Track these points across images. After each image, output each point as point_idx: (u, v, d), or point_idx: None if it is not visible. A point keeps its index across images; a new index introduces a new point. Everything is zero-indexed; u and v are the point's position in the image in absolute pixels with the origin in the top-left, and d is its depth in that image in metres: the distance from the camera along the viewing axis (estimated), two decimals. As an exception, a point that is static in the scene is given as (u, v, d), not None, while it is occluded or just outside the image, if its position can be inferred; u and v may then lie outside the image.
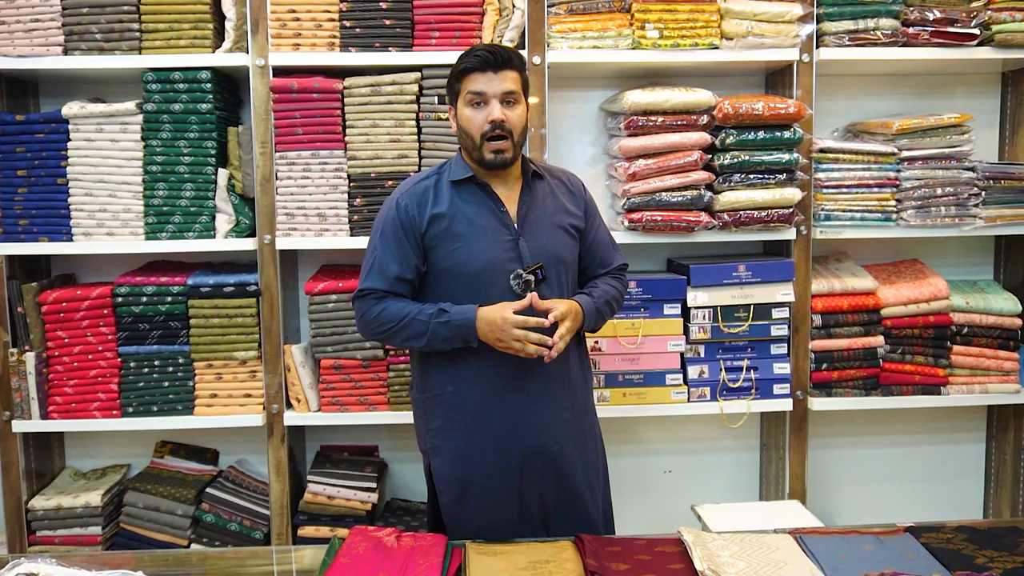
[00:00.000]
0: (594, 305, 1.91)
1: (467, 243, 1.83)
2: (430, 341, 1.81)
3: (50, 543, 2.52)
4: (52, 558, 1.61)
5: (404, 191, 1.89)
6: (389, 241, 1.85)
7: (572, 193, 1.98)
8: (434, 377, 1.90)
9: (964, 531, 1.73)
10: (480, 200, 1.87)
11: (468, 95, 1.81)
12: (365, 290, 1.86)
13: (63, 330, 2.47)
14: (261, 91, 2.42)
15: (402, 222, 1.84)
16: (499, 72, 1.80)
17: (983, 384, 2.63)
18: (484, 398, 1.86)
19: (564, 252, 1.91)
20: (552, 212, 1.91)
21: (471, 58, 1.81)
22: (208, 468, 2.72)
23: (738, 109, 2.42)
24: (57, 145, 2.43)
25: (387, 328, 1.83)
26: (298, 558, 1.76)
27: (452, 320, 1.79)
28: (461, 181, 1.87)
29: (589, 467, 1.97)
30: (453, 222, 1.84)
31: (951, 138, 2.56)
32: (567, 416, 1.92)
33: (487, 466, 1.88)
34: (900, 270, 2.74)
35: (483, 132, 1.80)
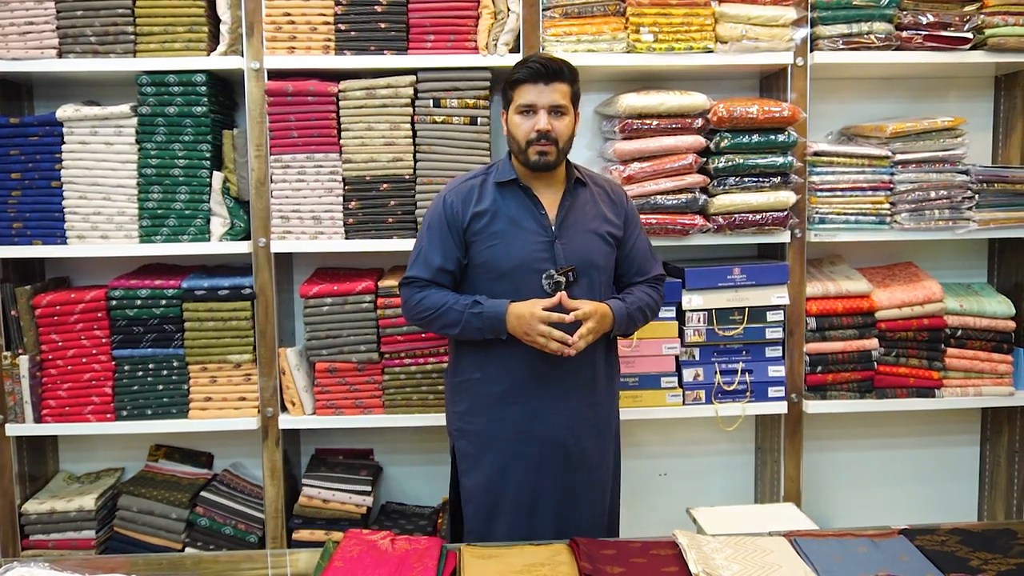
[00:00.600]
0: (626, 310, 1.98)
1: (504, 240, 1.93)
2: (463, 330, 1.91)
3: (43, 547, 2.51)
4: (45, 562, 1.60)
5: (452, 188, 2.00)
6: (435, 234, 1.96)
7: (613, 202, 2.05)
8: (465, 363, 2.01)
9: (958, 533, 1.74)
10: (521, 201, 1.96)
11: (519, 105, 1.91)
12: (410, 278, 1.98)
13: (57, 333, 2.46)
14: (256, 94, 2.42)
15: (447, 217, 1.95)
16: (549, 84, 1.89)
17: (977, 387, 2.63)
18: (508, 387, 1.95)
19: (598, 257, 1.98)
20: (591, 218, 1.99)
21: (524, 69, 1.90)
22: (203, 472, 2.71)
23: (732, 112, 2.43)
24: (51, 148, 2.43)
25: (426, 315, 1.94)
26: (292, 562, 1.75)
27: (484, 312, 1.89)
28: (505, 183, 1.96)
29: (603, 468, 2.03)
30: (494, 220, 1.94)
31: (945, 141, 2.57)
32: (587, 414, 1.99)
33: (506, 452, 1.96)
34: (894, 273, 2.74)
35: (529, 139, 1.90)
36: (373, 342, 2.48)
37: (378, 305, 2.47)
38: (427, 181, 2.45)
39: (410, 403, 2.51)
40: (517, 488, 1.97)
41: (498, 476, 1.97)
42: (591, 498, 2.01)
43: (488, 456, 1.98)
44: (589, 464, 2.00)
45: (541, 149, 1.90)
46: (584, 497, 2.00)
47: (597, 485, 2.02)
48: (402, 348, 2.48)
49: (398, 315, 2.46)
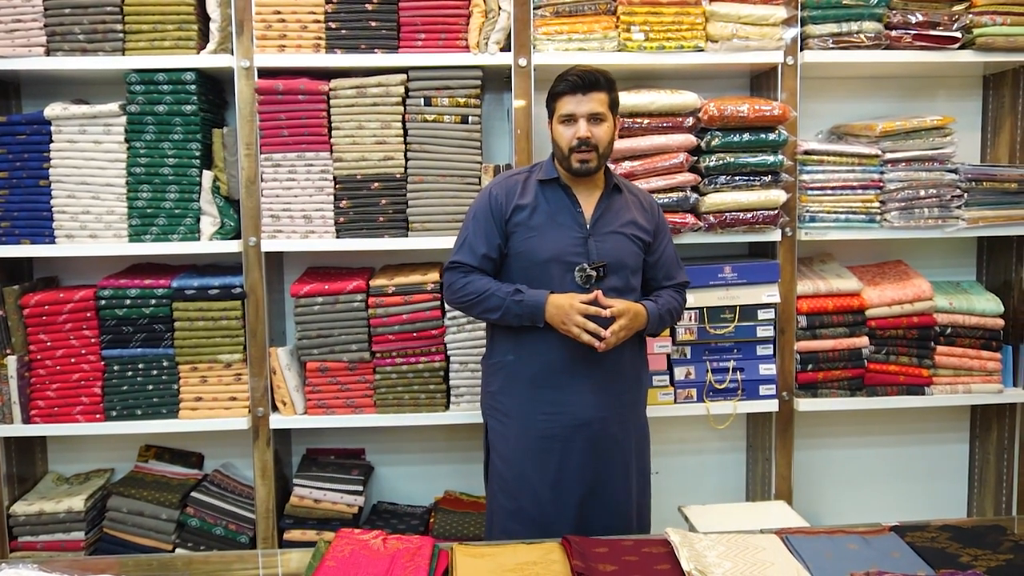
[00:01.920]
0: (658, 311, 2.09)
1: (541, 233, 2.04)
2: (503, 316, 2.02)
3: (32, 549, 2.49)
4: (34, 564, 1.59)
5: (498, 182, 2.12)
6: (480, 223, 2.07)
7: (646, 210, 2.15)
8: (499, 346, 2.12)
9: (948, 530, 1.74)
10: (560, 199, 2.07)
11: (560, 116, 2.03)
12: (455, 263, 2.09)
13: (45, 333, 2.45)
14: (246, 93, 2.41)
15: (491, 208, 2.07)
16: (587, 94, 2.00)
17: (966, 384, 2.65)
18: (539, 371, 2.05)
19: (628, 257, 2.08)
20: (624, 222, 2.09)
21: (563, 82, 2.02)
22: (193, 472, 2.70)
23: (723, 111, 2.43)
24: (39, 147, 2.41)
25: (469, 299, 2.04)
26: (284, 562, 1.74)
27: (526, 300, 2.00)
28: (547, 181, 2.08)
29: (628, 455, 2.10)
30: (534, 214, 2.05)
31: (934, 140, 2.58)
32: (613, 403, 2.08)
33: (533, 432, 2.05)
34: (884, 271, 2.76)
35: (571, 146, 2.01)
36: (364, 341, 2.47)
37: (369, 304, 2.46)
38: (418, 180, 2.45)
39: (402, 402, 2.50)
40: (543, 467, 2.05)
41: (524, 455, 2.06)
42: (615, 485, 2.08)
43: (515, 434, 2.07)
44: (613, 451, 2.07)
45: (582, 157, 2.01)
46: (608, 483, 2.07)
47: (621, 473, 2.09)
48: (393, 347, 2.48)
49: (389, 314, 2.46)
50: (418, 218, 2.46)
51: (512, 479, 2.08)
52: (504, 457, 2.10)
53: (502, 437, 2.10)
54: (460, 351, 2.50)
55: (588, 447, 2.06)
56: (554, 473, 2.05)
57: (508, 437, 2.09)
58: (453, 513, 2.66)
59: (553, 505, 2.04)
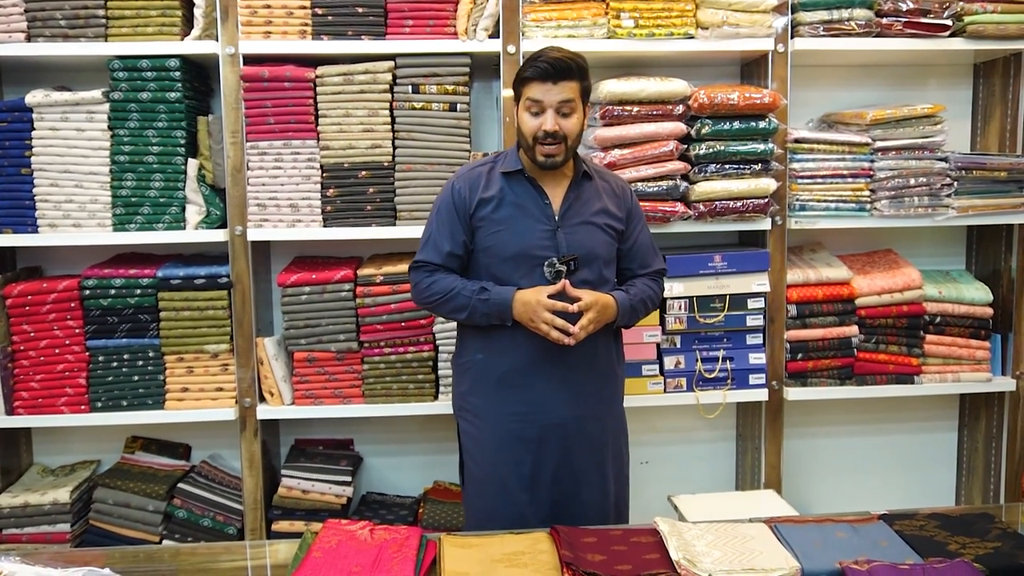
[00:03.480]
0: (629, 302, 2.00)
1: (507, 227, 1.95)
2: (470, 315, 1.95)
3: (17, 541, 2.46)
4: (17, 556, 1.57)
5: (461, 175, 2.03)
6: (443, 219, 1.99)
7: (617, 196, 2.06)
8: (468, 345, 2.05)
9: (937, 518, 1.74)
10: (526, 191, 1.98)
11: (527, 102, 1.91)
12: (420, 262, 2.01)
13: (29, 324, 2.42)
14: (231, 80, 2.37)
15: (455, 203, 1.98)
16: (558, 83, 1.88)
17: (955, 373, 2.65)
18: (509, 371, 1.97)
19: (600, 248, 2.00)
20: (594, 211, 2.00)
21: (532, 67, 1.90)
22: (180, 463, 2.68)
23: (713, 99, 2.41)
24: (21, 134, 2.37)
25: (435, 299, 1.98)
26: (272, 553, 1.73)
27: (491, 299, 1.92)
28: (512, 172, 1.98)
29: (605, 452, 2.04)
30: (499, 207, 1.96)
31: (924, 129, 2.57)
32: (588, 400, 2.01)
33: (505, 434, 1.98)
34: (874, 260, 2.75)
35: (536, 136, 1.90)
36: (352, 331, 2.45)
37: (357, 294, 2.44)
38: (406, 168, 2.42)
39: (390, 393, 2.49)
40: (517, 469, 1.98)
41: (497, 456, 1.99)
42: (592, 485, 2.01)
43: (488, 436, 2.00)
44: (589, 451, 2.01)
45: (548, 151, 1.91)
46: (585, 484, 2.01)
47: (598, 473, 2.02)
48: (382, 337, 2.46)
49: (377, 304, 2.44)
50: (406, 207, 2.44)
51: (486, 482, 2.01)
52: (477, 460, 2.03)
53: (474, 439, 2.03)
54: (449, 341, 2.48)
55: (563, 448, 1.99)
56: (529, 476, 1.98)
57: (480, 439, 2.02)
58: (442, 503, 2.65)
59: (530, 507, 1.97)
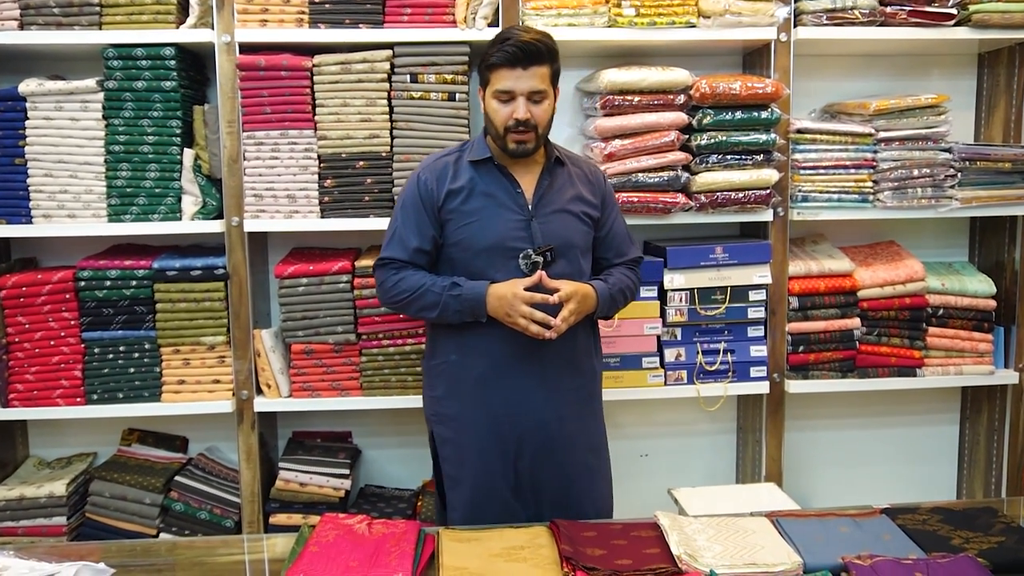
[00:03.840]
0: (608, 292, 1.94)
1: (479, 219, 1.87)
2: (442, 313, 1.86)
3: (13, 534, 2.44)
4: (11, 550, 1.56)
5: (426, 166, 1.95)
6: (409, 213, 1.91)
7: (591, 183, 2.00)
8: (440, 345, 1.96)
9: (940, 512, 1.73)
10: (497, 180, 1.91)
11: (496, 90, 1.83)
12: (385, 259, 1.92)
13: (24, 315, 2.39)
14: (227, 68, 2.34)
15: (421, 196, 1.90)
16: (528, 68, 1.80)
17: (958, 366, 2.63)
18: (486, 371, 1.90)
19: (576, 237, 1.94)
20: (568, 199, 1.94)
21: (500, 52, 1.80)
22: (177, 456, 2.66)
23: (715, 88, 2.39)
24: (14, 124, 2.34)
25: (403, 298, 1.89)
26: (269, 546, 1.71)
27: (464, 294, 1.84)
28: (480, 161, 1.91)
29: (589, 451, 1.99)
30: (469, 198, 1.88)
31: (928, 119, 2.55)
32: (569, 397, 1.95)
33: (484, 437, 1.91)
34: (876, 252, 2.73)
35: (507, 126, 1.83)
36: (350, 323, 2.43)
37: (355, 285, 2.42)
38: (404, 158, 2.40)
39: (388, 385, 2.47)
40: (501, 472, 1.92)
41: (479, 461, 1.92)
42: (577, 480, 1.97)
43: (468, 441, 1.93)
44: (573, 446, 1.96)
45: (519, 138, 1.84)
46: (569, 479, 1.96)
47: (582, 467, 1.97)
48: (380, 329, 2.44)
49: (375, 295, 2.41)
50: (404, 197, 2.41)
51: (470, 486, 1.92)
52: (457, 465, 1.94)
53: (453, 444, 1.95)
54: (448, 333, 2.46)
55: (546, 447, 1.93)
56: (513, 476, 1.93)
57: (460, 443, 1.94)
58: (441, 496, 2.64)
59: (519, 508, 1.92)
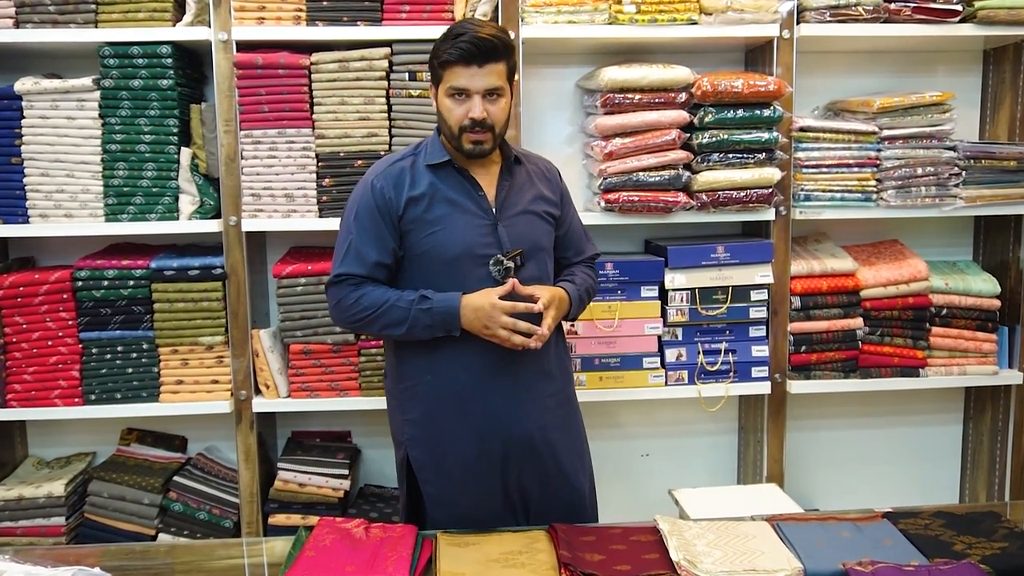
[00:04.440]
0: (577, 293, 1.89)
1: (444, 227, 1.77)
2: (410, 329, 1.75)
3: (12, 534, 2.44)
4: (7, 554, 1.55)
5: (379, 172, 1.82)
6: (364, 224, 1.78)
7: (548, 180, 1.94)
8: (410, 366, 1.84)
9: (942, 516, 1.71)
10: (458, 184, 1.81)
11: (449, 87, 1.74)
12: (342, 275, 1.79)
13: (21, 316, 2.38)
14: (224, 67, 2.33)
15: (378, 205, 1.78)
16: (484, 66, 1.71)
17: (961, 366, 2.61)
18: (463, 387, 1.80)
19: (543, 238, 1.88)
20: (530, 199, 1.87)
21: (454, 49, 1.70)
22: (176, 456, 2.65)
23: (717, 86, 2.36)
24: (10, 123, 2.33)
25: (365, 316, 1.77)
26: (268, 549, 1.70)
27: (434, 307, 1.73)
28: (438, 164, 1.81)
29: (573, 454, 1.94)
30: (431, 206, 1.78)
31: (932, 117, 2.52)
32: (549, 404, 1.88)
33: (468, 456, 1.83)
34: (880, 251, 2.71)
35: (463, 126, 1.74)
36: (349, 323, 2.41)
37: (354, 285, 2.40)
38: (403, 157, 2.38)
39: (387, 385, 2.45)
40: (488, 486, 1.85)
41: (465, 478, 1.83)
42: (564, 488, 1.91)
43: (451, 460, 1.83)
44: (557, 454, 1.88)
45: (476, 138, 1.74)
46: (556, 488, 1.90)
47: (568, 474, 1.91)
48: (379, 329, 2.42)
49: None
50: (403, 197, 2.39)
51: (457, 506, 1.82)
52: (440, 486, 1.84)
53: (435, 467, 1.84)
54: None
55: (533, 460, 1.85)
56: (500, 496, 1.85)
57: (443, 464, 1.83)
58: (441, 497, 2.62)
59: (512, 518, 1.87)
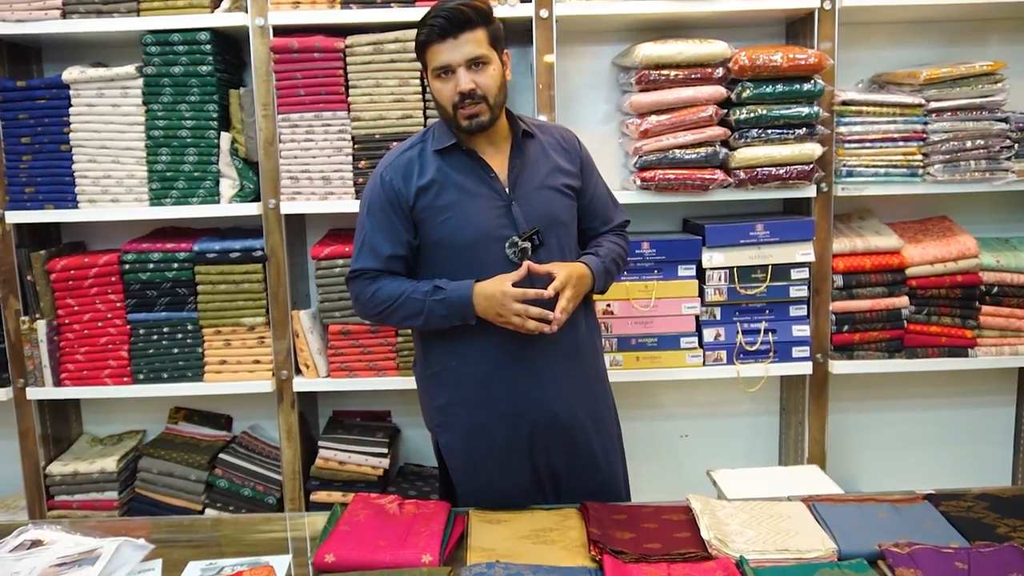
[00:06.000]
0: (602, 265, 1.83)
1: (457, 213, 1.74)
2: (427, 320, 1.75)
3: (68, 508, 2.55)
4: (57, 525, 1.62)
5: (387, 164, 1.81)
6: (377, 218, 1.78)
7: (566, 150, 1.87)
8: (436, 353, 1.84)
9: (986, 499, 1.66)
10: (467, 167, 1.77)
11: (434, 69, 1.71)
12: (358, 271, 1.80)
13: (72, 298, 2.47)
14: (261, 52, 2.36)
15: (388, 197, 1.77)
16: (459, 36, 1.67)
17: (1013, 346, 2.53)
18: (488, 372, 1.79)
19: (561, 213, 1.82)
20: (546, 173, 1.81)
21: (426, 28, 1.68)
22: (221, 434, 2.73)
23: (755, 61, 2.31)
24: (59, 111, 2.40)
25: (383, 309, 1.78)
26: (310, 524, 1.73)
27: (448, 298, 1.72)
28: (445, 149, 1.77)
29: (603, 433, 1.92)
30: (441, 192, 1.75)
31: (983, 87, 2.42)
32: (577, 384, 1.86)
33: (497, 440, 1.82)
34: (927, 228, 2.63)
35: (454, 103, 1.71)
36: (386, 304, 2.44)
37: (390, 266, 2.43)
38: (438, 138, 2.38)
39: (424, 365, 2.48)
40: (517, 473, 1.83)
41: (492, 464, 1.82)
42: (600, 467, 1.89)
43: (479, 446, 1.83)
44: (587, 434, 1.86)
45: (470, 112, 1.70)
46: (586, 469, 1.88)
47: (599, 454, 1.89)
48: (415, 310, 2.44)
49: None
50: (438, 178, 2.40)
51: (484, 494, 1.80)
52: (469, 474, 1.84)
53: (463, 453, 1.84)
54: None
55: (563, 442, 1.84)
56: (529, 479, 1.84)
57: (471, 450, 1.83)
58: (478, 476, 2.65)
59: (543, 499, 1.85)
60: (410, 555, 1.48)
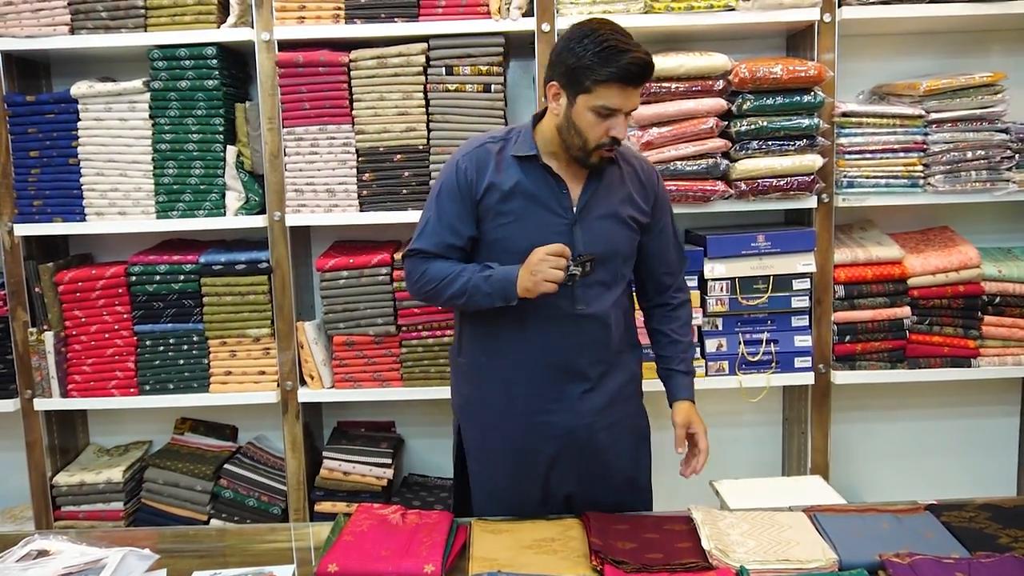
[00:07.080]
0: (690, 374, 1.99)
1: (519, 219, 1.75)
2: (471, 296, 1.74)
3: (75, 518, 2.56)
4: (63, 535, 1.63)
5: (466, 152, 1.80)
6: (444, 204, 1.79)
7: (643, 183, 1.86)
8: (471, 344, 1.88)
9: (988, 509, 1.67)
10: (542, 179, 1.77)
11: (599, 106, 1.66)
12: (414, 251, 1.82)
13: (80, 309, 2.49)
14: (267, 66, 2.39)
15: (459, 185, 1.77)
16: (638, 87, 1.68)
17: (1016, 356, 2.53)
18: (517, 373, 1.81)
19: (622, 245, 1.82)
20: (617, 201, 1.81)
21: (616, 67, 1.62)
22: (227, 444, 2.74)
23: (755, 73, 2.33)
24: (67, 125, 2.43)
25: (432, 286, 1.79)
26: (315, 534, 1.75)
27: (494, 275, 1.73)
28: (524, 157, 1.77)
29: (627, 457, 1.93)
30: (511, 196, 1.75)
31: (983, 98, 2.44)
32: (605, 400, 1.85)
33: (514, 448, 1.84)
34: (929, 238, 2.64)
35: (601, 143, 1.70)
36: (390, 315, 2.46)
37: (395, 278, 2.45)
38: (441, 151, 2.41)
39: (428, 376, 2.49)
40: (530, 486, 1.85)
41: (507, 472, 1.85)
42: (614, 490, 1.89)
43: (498, 447, 1.86)
44: (607, 456, 1.87)
45: (608, 155, 1.73)
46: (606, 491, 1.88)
47: (620, 476, 1.90)
48: (419, 321, 2.46)
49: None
50: (441, 190, 2.42)
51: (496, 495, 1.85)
52: (488, 474, 1.88)
53: (484, 454, 1.88)
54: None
55: (585, 454, 1.84)
56: (541, 493, 1.85)
57: (489, 450, 1.87)
58: (482, 486, 2.65)
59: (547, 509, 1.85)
60: (413, 565, 1.49)
